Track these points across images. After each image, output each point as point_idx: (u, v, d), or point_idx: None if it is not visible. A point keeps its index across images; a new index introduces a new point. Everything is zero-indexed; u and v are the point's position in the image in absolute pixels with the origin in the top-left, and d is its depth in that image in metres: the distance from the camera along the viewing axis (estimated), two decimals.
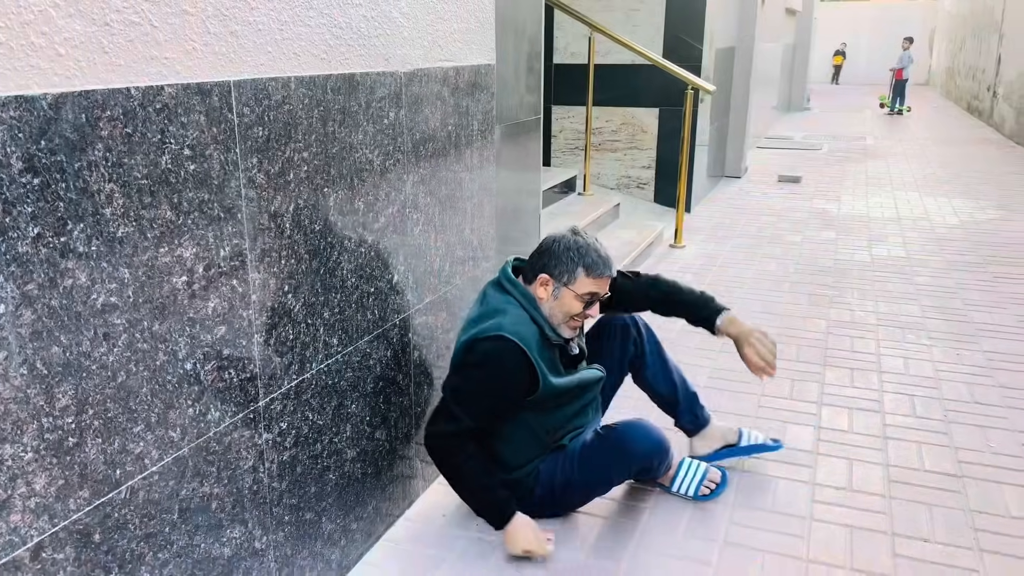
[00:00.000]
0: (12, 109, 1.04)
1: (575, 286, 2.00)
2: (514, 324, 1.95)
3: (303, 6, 1.57)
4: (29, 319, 1.10)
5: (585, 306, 2.02)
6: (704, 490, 2.27)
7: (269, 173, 1.53)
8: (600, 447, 2.08)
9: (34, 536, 1.15)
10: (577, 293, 2.00)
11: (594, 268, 1.99)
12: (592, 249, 2.00)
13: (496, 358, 1.92)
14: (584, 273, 1.99)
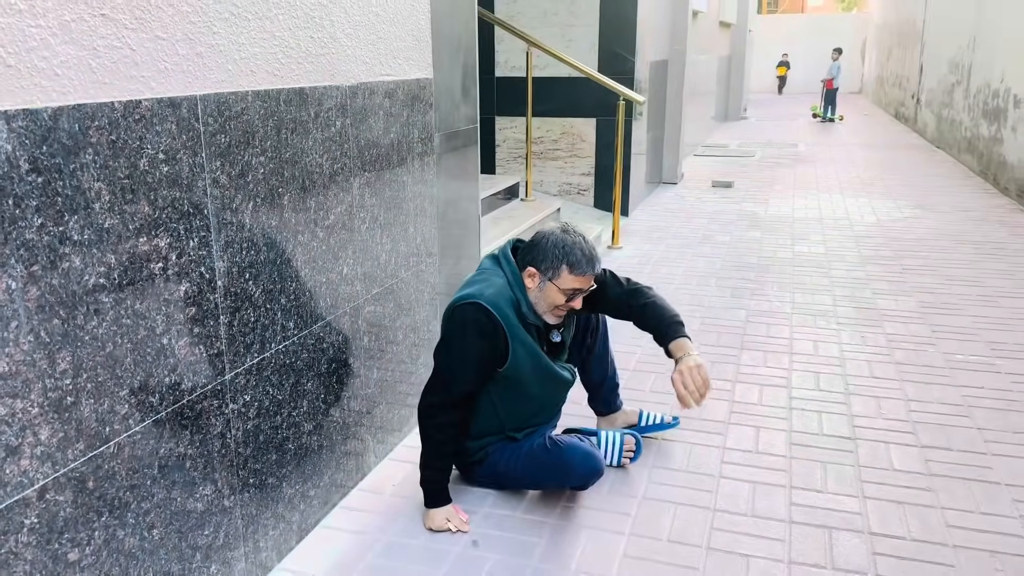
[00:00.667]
0: (20, 120, 1.27)
1: (559, 281, 2.17)
2: (494, 295, 2.16)
3: (258, 29, 1.80)
4: (35, 295, 1.32)
5: (568, 299, 2.21)
6: (624, 460, 2.54)
7: (231, 175, 1.76)
8: (545, 460, 2.26)
9: (39, 480, 1.36)
10: (560, 288, 2.17)
11: (577, 266, 2.15)
12: (577, 247, 2.16)
13: (472, 323, 2.13)
14: (568, 270, 2.16)
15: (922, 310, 4.04)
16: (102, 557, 1.50)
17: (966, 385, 3.14)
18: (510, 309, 2.17)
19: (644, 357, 3.42)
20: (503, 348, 2.17)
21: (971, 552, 2.12)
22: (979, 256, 5.08)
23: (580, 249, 2.16)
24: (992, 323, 3.83)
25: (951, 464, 2.55)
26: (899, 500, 2.36)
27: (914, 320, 3.90)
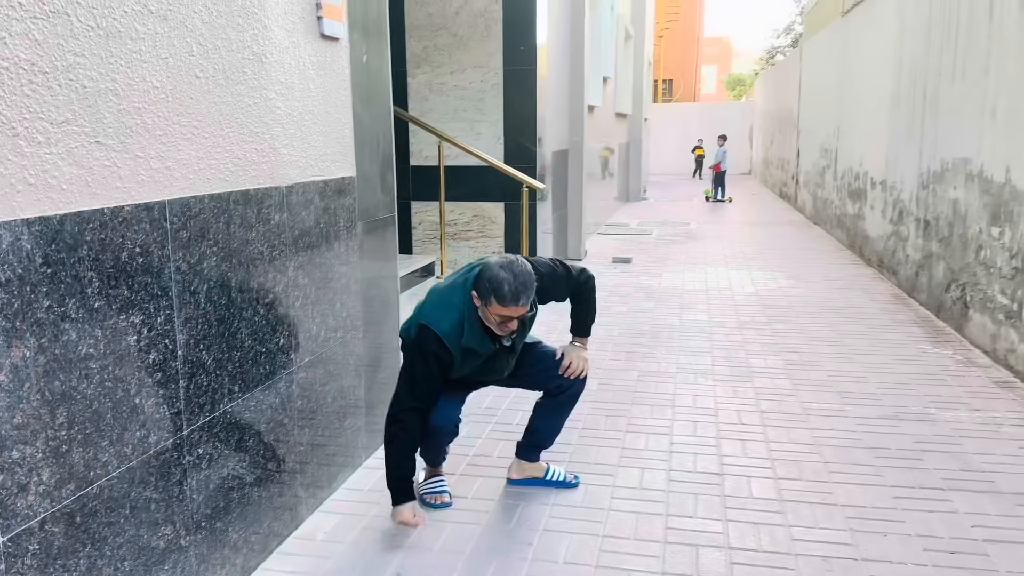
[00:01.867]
0: (37, 225, 1.63)
1: (491, 309, 2.54)
2: (448, 324, 2.60)
3: (213, 145, 2.22)
4: (42, 362, 1.66)
5: (500, 322, 2.57)
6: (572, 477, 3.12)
7: (190, 263, 2.13)
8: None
9: (41, 513, 1.67)
10: (492, 313, 2.55)
11: (502, 300, 2.49)
12: (505, 283, 2.48)
13: (431, 351, 2.59)
14: (496, 302, 2.51)
15: (787, 367, 4.63)
16: None
17: (818, 428, 3.68)
18: (456, 337, 2.61)
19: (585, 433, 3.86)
20: (450, 363, 2.64)
21: (809, 559, 2.59)
22: (840, 319, 5.78)
23: (508, 285, 2.48)
24: (845, 376, 4.44)
25: (800, 491, 3.05)
26: (755, 521, 2.82)
27: (779, 376, 4.48)
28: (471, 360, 2.70)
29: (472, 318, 2.63)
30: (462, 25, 6.56)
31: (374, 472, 3.22)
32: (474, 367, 2.75)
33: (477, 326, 2.63)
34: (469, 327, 2.62)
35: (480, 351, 2.67)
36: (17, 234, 1.59)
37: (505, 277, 2.49)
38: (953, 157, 5.60)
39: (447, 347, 2.60)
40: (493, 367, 2.80)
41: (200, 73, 2.13)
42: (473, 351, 2.66)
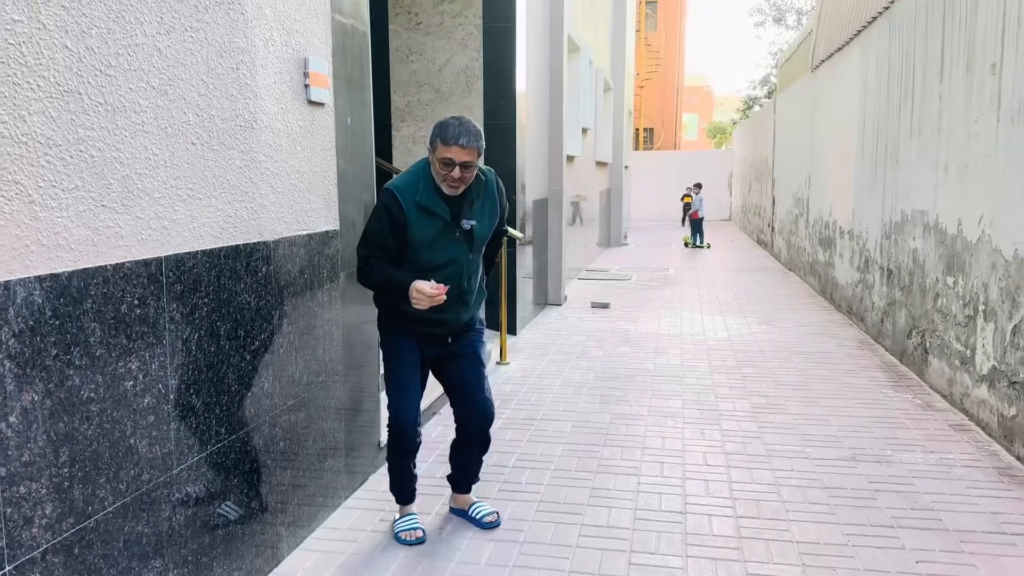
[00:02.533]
0: (48, 281, 1.81)
1: (436, 153, 2.77)
2: (403, 181, 2.84)
3: (206, 206, 2.41)
4: (48, 405, 1.83)
5: (446, 168, 2.76)
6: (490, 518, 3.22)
7: (183, 313, 2.31)
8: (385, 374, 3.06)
9: (43, 544, 1.82)
10: (437, 158, 2.76)
11: (444, 139, 2.73)
12: (450, 125, 2.75)
13: (383, 204, 2.83)
14: (440, 142, 2.75)
15: (754, 410, 4.82)
16: None
17: (779, 469, 3.86)
18: (410, 191, 2.82)
19: (522, 455, 4.01)
20: (404, 219, 2.82)
21: None
22: (808, 364, 5.99)
23: (451, 125, 2.74)
24: (809, 419, 4.63)
25: (757, 529, 3.22)
26: (713, 557, 2.98)
27: (746, 419, 4.66)
28: (426, 227, 2.83)
29: (427, 178, 2.85)
30: (445, 81, 6.85)
31: (353, 512, 3.36)
32: (430, 240, 2.85)
33: (431, 186, 2.84)
34: (424, 185, 2.84)
35: (433, 211, 2.83)
36: (30, 290, 1.76)
37: (451, 121, 2.77)
38: (912, 209, 5.89)
39: (399, 201, 2.81)
40: (450, 251, 2.89)
41: (196, 140, 2.34)
42: (426, 211, 2.82)
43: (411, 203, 2.82)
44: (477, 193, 2.95)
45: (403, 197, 2.82)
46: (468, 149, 2.75)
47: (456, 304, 2.99)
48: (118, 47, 2.01)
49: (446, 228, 2.88)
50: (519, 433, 4.41)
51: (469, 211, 2.92)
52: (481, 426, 3.14)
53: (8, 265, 1.71)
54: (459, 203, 2.91)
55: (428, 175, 2.87)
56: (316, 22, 3.08)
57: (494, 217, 3.04)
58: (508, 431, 4.44)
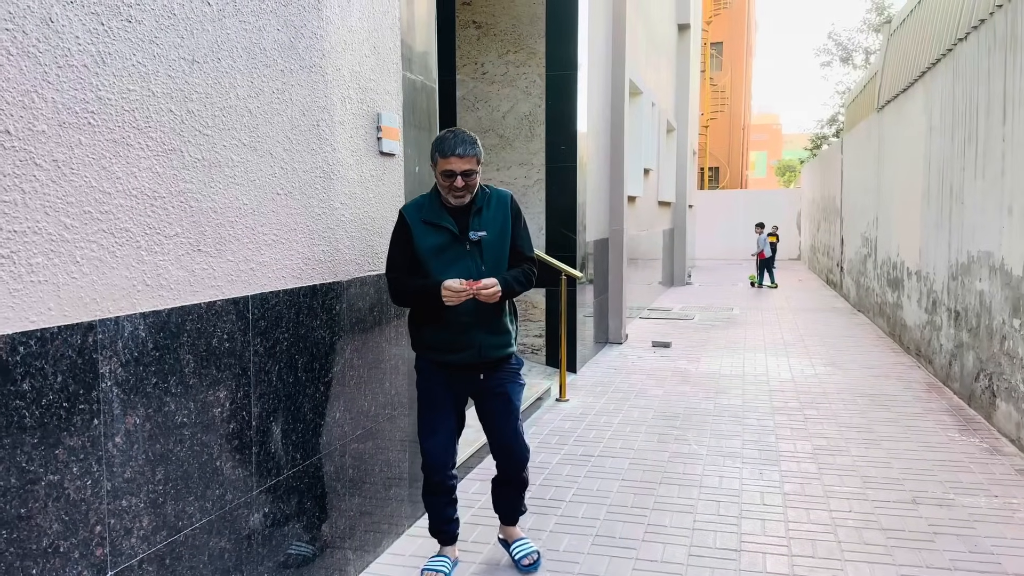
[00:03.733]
0: (151, 317, 2.05)
1: (437, 168, 2.86)
2: (412, 201, 3.02)
3: (288, 250, 2.64)
4: (148, 428, 2.05)
5: (448, 180, 2.84)
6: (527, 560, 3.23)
7: (265, 347, 2.53)
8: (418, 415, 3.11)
9: (140, 554, 2.03)
10: (439, 171, 2.86)
11: (442, 151, 2.82)
12: (446, 138, 2.83)
13: (396, 224, 2.98)
14: (439, 155, 2.84)
15: (814, 452, 4.81)
16: None
17: (837, 510, 3.86)
18: (415, 208, 2.95)
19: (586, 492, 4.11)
20: (409, 234, 2.93)
21: None
22: (873, 407, 5.92)
23: (447, 139, 2.83)
24: (870, 462, 4.60)
25: (811, 568, 3.24)
26: None
27: (806, 460, 4.66)
28: (431, 238, 2.91)
29: (434, 195, 2.97)
30: (508, 127, 7.10)
31: (415, 540, 3.51)
32: (436, 251, 2.91)
33: (437, 202, 2.94)
34: (430, 202, 2.96)
35: (439, 224, 2.91)
36: (135, 325, 2.00)
37: (446, 134, 2.86)
38: (978, 250, 5.82)
39: (403, 217, 2.94)
40: (461, 264, 2.91)
41: (280, 190, 2.58)
42: (432, 224, 2.91)
43: (416, 219, 2.93)
44: (484, 202, 2.99)
45: (408, 214, 2.95)
46: (466, 158, 2.83)
47: (479, 324, 2.97)
48: (215, 109, 2.27)
49: (454, 240, 2.93)
50: (577, 469, 4.51)
51: (477, 222, 2.96)
52: (512, 470, 3.19)
53: (118, 303, 1.95)
54: (466, 216, 2.95)
55: (435, 193, 2.97)
56: (388, 80, 3.33)
57: (506, 227, 3.00)
58: (566, 466, 4.54)
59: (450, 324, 2.95)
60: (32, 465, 1.72)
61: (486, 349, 3.02)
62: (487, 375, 3.08)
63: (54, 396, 1.77)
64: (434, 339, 3.01)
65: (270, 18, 2.50)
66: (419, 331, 3.05)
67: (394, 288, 2.99)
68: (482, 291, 2.82)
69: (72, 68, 1.79)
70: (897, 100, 9.11)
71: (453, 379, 3.06)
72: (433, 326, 2.98)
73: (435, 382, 3.06)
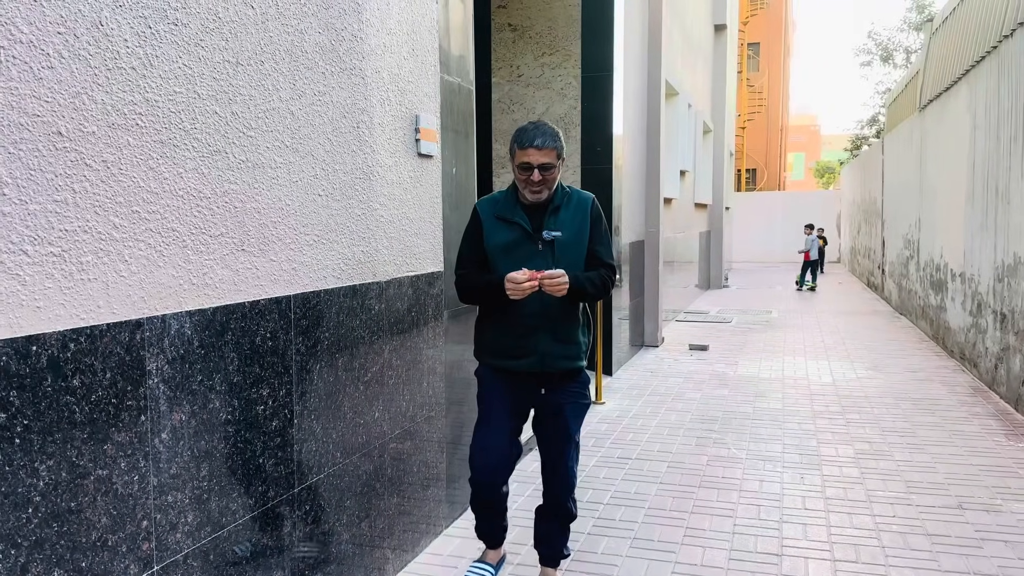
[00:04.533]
0: (196, 316, 2.08)
1: (515, 160, 2.74)
2: (488, 196, 2.90)
3: (329, 250, 2.67)
4: (193, 425, 2.08)
5: (524, 173, 2.71)
6: None
7: (307, 345, 2.56)
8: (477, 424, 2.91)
9: (185, 549, 2.06)
10: (515, 164, 2.74)
11: (520, 142, 2.70)
12: (526, 129, 2.71)
13: (470, 219, 2.90)
14: (517, 147, 2.72)
15: (856, 456, 4.73)
16: None
17: (880, 515, 3.79)
18: (490, 204, 2.86)
19: None
20: (481, 229, 2.83)
21: None
22: (916, 411, 5.80)
23: (524, 129, 2.72)
24: (914, 466, 4.51)
25: (855, 573, 3.18)
26: None
27: (848, 464, 4.58)
28: (502, 234, 2.79)
29: (510, 191, 2.85)
30: None
31: (452, 540, 3.52)
32: (506, 247, 2.78)
33: (512, 198, 2.82)
34: (505, 198, 2.84)
35: (511, 220, 2.79)
36: (182, 323, 2.03)
37: (527, 125, 2.75)
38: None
39: (477, 212, 2.86)
40: (531, 264, 2.72)
41: (321, 192, 2.61)
42: (505, 220, 2.79)
43: (489, 214, 2.83)
44: (563, 201, 2.83)
45: (481, 208, 2.86)
46: (545, 150, 2.69)
47: (545, 329, 2.78)
48: (258, 111, 2.30)
49: (526, 237, 2.79)
50: (613, 471, 4.48)
51: (553, 221, 2.80)
52: (558, 496, 2.94)
53: (164, 301, 1.98)
54: (541, 215, 2.81)
55: (512, 189, 2.86)
56: (426, 82, 3.35)
57: (584, 229, 2.83)
58: (603, 469, 4.52)
59: (514, 326, 2.79)
60: (82, 460, 1.76)
61: (550, 358, 2.79)
62: (548, 389, 2.86)
63: (103, 392, 1.80)
64: (496, 343, 2.85)
65: (311, 21, 2.53)
66: (482, 334, 2.92)
67: (461, 284, 2.88)
68: (547, 280, 2.64)
69: (121, 70, 1.83)
70: (940, 99, 8.93)
71: (514, 389, 2.86)
72: (496, 328, 2.84)
73: (494, 393, 2.87)
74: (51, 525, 1.69)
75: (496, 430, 2.86)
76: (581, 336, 2.87)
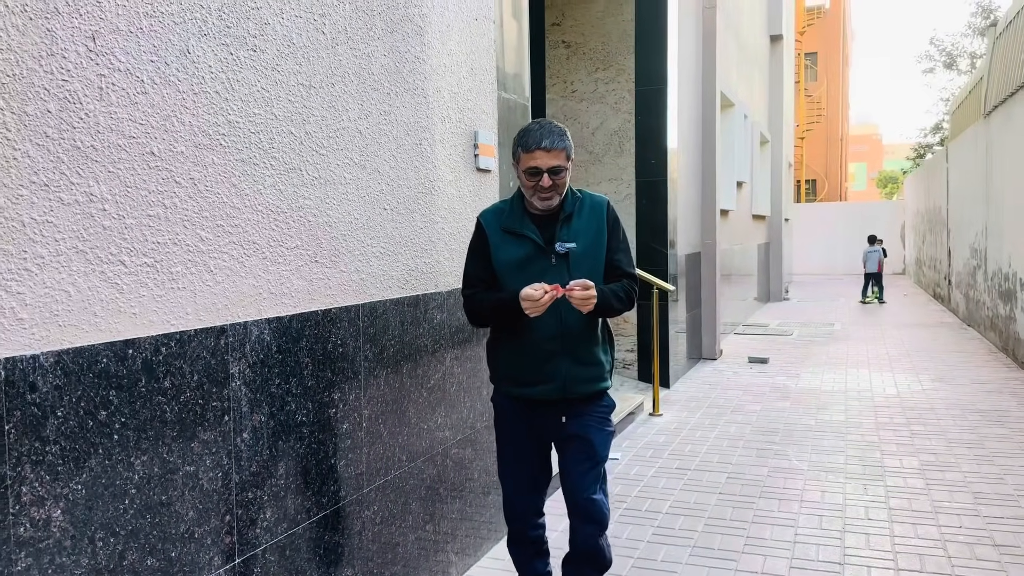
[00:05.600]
0: (275, 323, 2.21)
1: (520, 165, 2.47)
2: (492, 206, 2.64)
3: (394, 262, 2.79)
4: (271, 426, 2.21)
5: (532, 179, 2.44)
6: None
7: (374, 352, 2.68)
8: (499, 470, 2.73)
9: (263, 543, 2.18)
10: (522, 169, 2.46)
11: (525, 145, 2.43)
12: (530, 130, 2.44)
13: (474, 232, 2.63)
14: (522, 151, 2.45)
15: (921, 467, 4.64)
16: None
17: (946, 525, 3.73)
18: (495, 215, 2.59)
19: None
20: (487, 244, 2.57)
21: None
22: (984, 423, 5.66)
23: (531, 131, 2.45)
24: (982, 478, 4.41)
25: None
26: None
27: (913, 475, 4.50)
28: (512, 249, 2.52)
29: (517, 201, 2.57)
30: (598, 143, 7.18)
31: None
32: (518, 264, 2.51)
33: (520, 208, 2.55)
34: (512, 208, 2.57)
35: (521, 233, 2.52)
36: (261, 329, 2.16)
37: (531, 126, 2.49)
38: None
39: (481, 225, 2.58)
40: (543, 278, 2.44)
41: (387, 206, 2.73)
42: (513, 233, 2.53)
43: (495, 227, 2.55)
44: (575, 208, 2.56)
45: (486, 221, 2.58)
46: (554, 152, 2.43)
47: (566, 352, 2.52)
48: (329, 131, 2.44)
49: (538, 252, 2.52)
50: (672, 481, 4.50)
51: (566, 232, 2.53)
52: (585, 536, 2.58)
53: (246, 309, 2.12)
54: (553, 225, 2.54)
55: (518, 198, 2.59)
56: (485, 100, 3.47)
57: (600, 237, 2.56)
58: (661, 479, 4.54)
59: (531, 350, 2.53)
60: (171, 456, 1.89)
61: (571, 383, 2.53)
62: (570, 416, 2.58)
63: (191, 393, 1.94)
64: (511, 368, 2.59)
65: (377, 44, 2.67)
66: (495, 358, 2.66)
67: (469, 306, 2.60)
68: (575, 292, 2.38)
69: (206, 95, 1.98)
70: (1005, 104, 8.72)
71: (533, 417, 2.61)
72: (511, 352, 2.58)
73: (512, 421, 2.65)
74: (144, 516, 1.82)
75: (520, 459, 2.68)
76: (603, 355, 2.61)
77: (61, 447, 1.63)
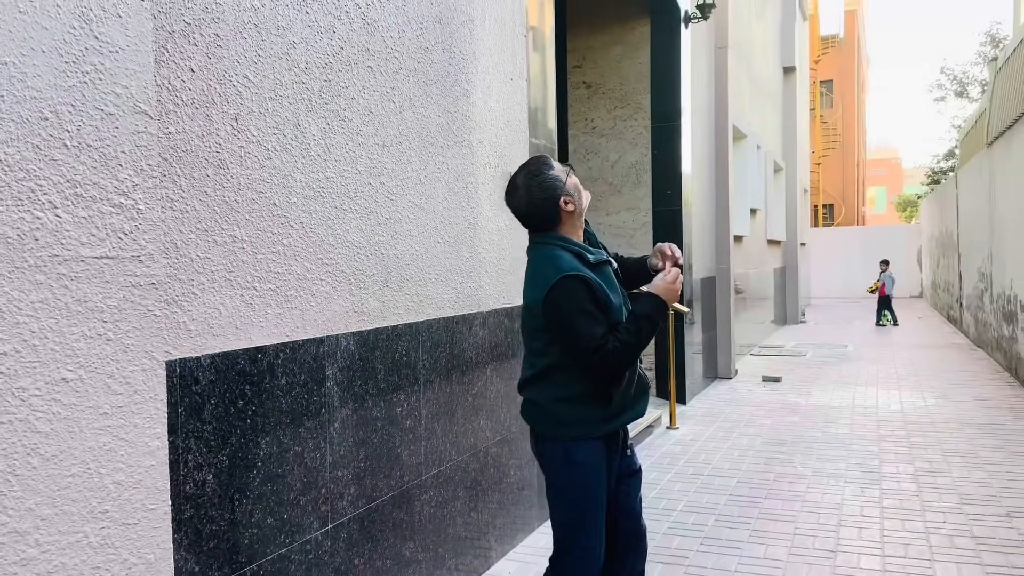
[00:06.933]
0: (356, 336, 2.75)
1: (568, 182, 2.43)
2: (564, 264, 2.31)
3: (445, 285, 3.33)
4: (354, 419, 2.73)
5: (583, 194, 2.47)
6: None
7: (430, 362, 3.21)
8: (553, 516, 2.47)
9: (346, 515, 2.70)
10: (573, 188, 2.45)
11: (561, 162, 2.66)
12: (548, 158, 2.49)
13: (573, 291, 2.26)
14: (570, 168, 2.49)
15: (916, 473, 5.08)
16: (366, 572, 2.79)
17: (932, 521, 4.17)
18: (578, 262, 2.34)
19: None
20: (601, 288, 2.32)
21: None
22: (980, 435, 6.08)
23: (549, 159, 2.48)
24: (970, 482, 4.84)
25: (902, 566, 3.60)
26: None
27: (907, 480, 4.94)
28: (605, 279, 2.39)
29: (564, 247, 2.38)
30: (617, 175, 7.72)
31: (544, 535, 4.07)
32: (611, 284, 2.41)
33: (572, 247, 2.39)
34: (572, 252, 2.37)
35: (599, 262, 2.42)
36: (348, 341, 2.70)
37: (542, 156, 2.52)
38: None
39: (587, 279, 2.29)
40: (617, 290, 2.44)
41: (440, 240, 3.28)
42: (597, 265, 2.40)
43: (591, 274, 2.33)
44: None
45: (582, 271, 2.30)
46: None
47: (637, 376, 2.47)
48: (397, 180, 2.99)
49: (611, 267, 2.49)
50: (687, 485, 4.97)
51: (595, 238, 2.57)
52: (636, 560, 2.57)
53: (337, 324, 2.66)
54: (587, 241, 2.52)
55: (563, 243, 2.40)
56: (518, 146, 4.03)
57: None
58: (677, 483, 5.01)
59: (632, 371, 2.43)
60: (285, 438, 2.43)
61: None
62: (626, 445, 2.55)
63: (300, 390, 2.48)
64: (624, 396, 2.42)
65: (434, 107, 3.23)
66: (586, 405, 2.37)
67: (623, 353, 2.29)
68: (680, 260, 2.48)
69: (311, 157, 2.54)
70: (1006, 135, 9.17)
71: (611, 459, 2.45)
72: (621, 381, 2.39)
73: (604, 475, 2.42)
74: (266, 485, 2.35)
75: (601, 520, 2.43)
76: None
77: (213, 427, 2.17)
